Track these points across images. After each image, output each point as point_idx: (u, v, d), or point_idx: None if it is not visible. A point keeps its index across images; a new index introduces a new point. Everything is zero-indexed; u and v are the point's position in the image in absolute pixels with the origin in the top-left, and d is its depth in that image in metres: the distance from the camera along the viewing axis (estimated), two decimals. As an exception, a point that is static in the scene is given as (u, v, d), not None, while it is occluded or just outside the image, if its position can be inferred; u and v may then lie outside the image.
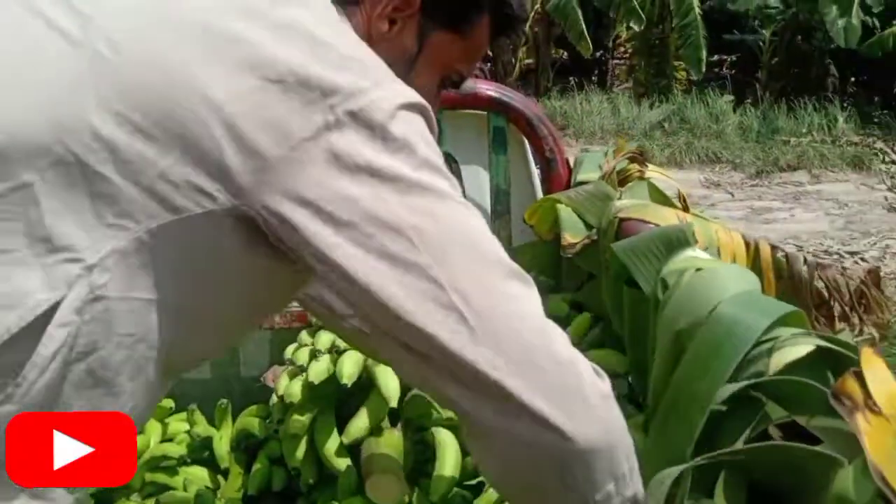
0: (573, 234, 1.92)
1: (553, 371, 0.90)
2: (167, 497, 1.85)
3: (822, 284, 1.88)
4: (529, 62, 13.68)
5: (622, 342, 1.78)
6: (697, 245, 1.57)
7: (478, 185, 2.37)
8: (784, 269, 1.89)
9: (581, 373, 0.93)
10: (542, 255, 2.22)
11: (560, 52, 14.34)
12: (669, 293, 1.39)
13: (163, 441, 2.14)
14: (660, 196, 2.02)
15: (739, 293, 1.22)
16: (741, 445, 1.05)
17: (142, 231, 0.82)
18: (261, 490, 1.97)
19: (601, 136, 10.73)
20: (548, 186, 2.24)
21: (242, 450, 2.12)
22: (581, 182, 2.13)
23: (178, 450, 2.08)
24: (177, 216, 0.82)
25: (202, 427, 2.16)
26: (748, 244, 1.93)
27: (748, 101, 11.91)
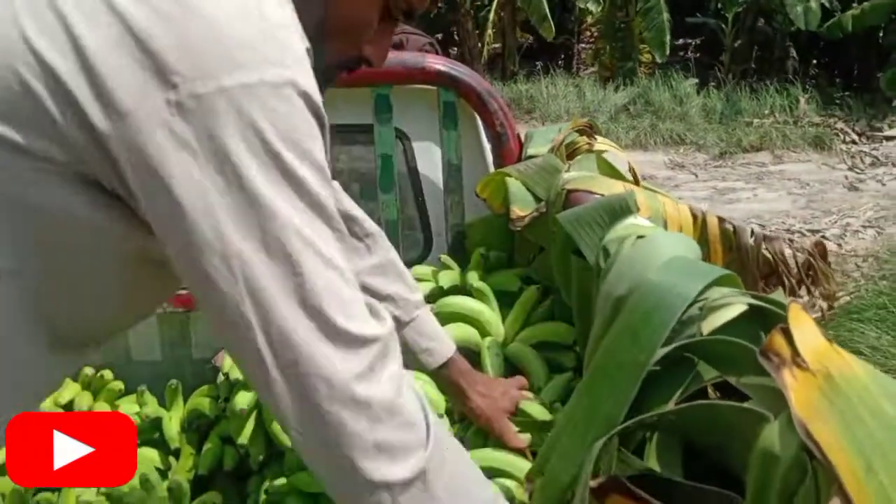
0: (522, 207, 1.92)
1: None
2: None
3: (770, 257, 1.89)
4: (496, 46, 13.65)
5: (571, 314, 1.79)
6: (641, 215, 1.57)
7: (430, 161, 2.35)
8: (732, 241, 1.91)
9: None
10: (494, 230, 2.21)
11: (526, 37, 14.32)
12: (611, 261, 1.39)
13: (112, 423, 2.11)
14: (609, 169, 2.02)
15: (671, 259, 1.22)
16: (672, 406, 1.06)
17: None
18: (212, 469, 1.95)
19: (567, 120, 10.70)
20: (499, 161, 2.23)
21: (194, 430, 2.09)
22: (531, 156, 2.13)
23: (128, 432, 2.05)
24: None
25: (152, 408, 2.13)
26: (695, 216, 1.94)
27: (712, 84, 12.00)
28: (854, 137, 10.40)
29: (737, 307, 1.10)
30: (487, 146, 2.33)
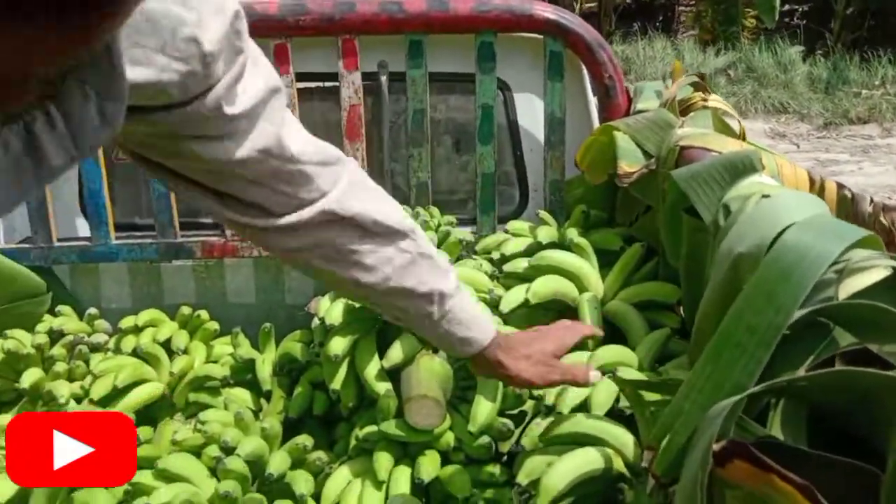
0: (630, 164, 1.83)
1: None
2: (208, 416, 1.85)
3: (888, 226, 1.78)
4: (591, 6, 13.28)
5: (676, 275, 1.70)
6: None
7: (531, 114, 2.28)
8: (849, 209, 1.79)
9: None
10: (595, 188, 2.13)
11: (623, -4, 13.88)
12: (732, 220, 1.31)
13: (207, 363, 2.14)
14: (723, 126, 1.91)
15: (811, 217, 1.13)
16: (804, 373, 0.98)
17: None
18: (301, 413, 1.96)
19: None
20: (605, 115, 2.14)
21: (285, 373, 2.11)
22: (640, 111, 2.03)
23: (222, 371, 2.08)
24: None
25: (246, 349, 2.15)
26: (813, 180, 1.82)
27: (819, 52, 11.40)
28: (973, 111, 9.73)
29: (879, 271, 1.01)
30: (593, 99, 2.24)
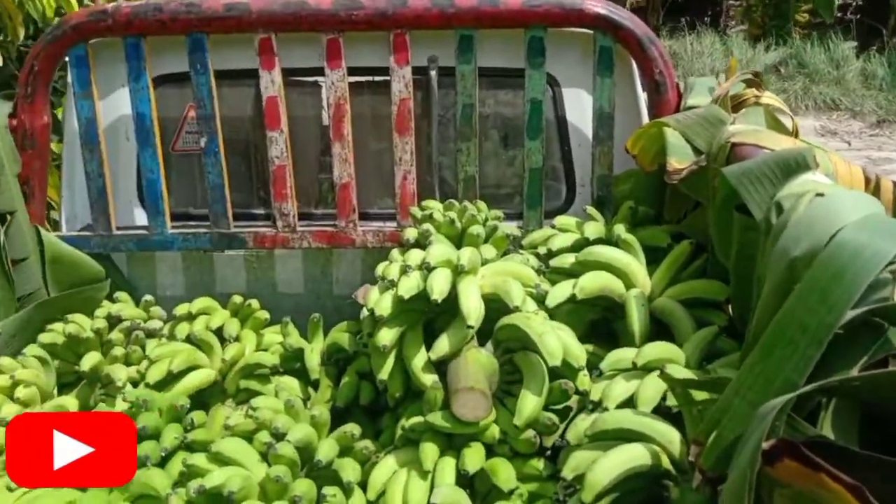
0: (680, 160, 1.83)
1: None
2: (259, 402, 1.89)
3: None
4: (639, 0, 13.14)
5: (725, 272, 1.70)
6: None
7: (580, 109, 2.28)
8: (906, 209, 1.77)
9: None
10: (644, 184, 2.13)
11: (672, -9, 13.70)
12: (785, 218, 1.30)
13: (257, 350, 2.19)
14: (775, 123, 1.89)
15: (866, 217, 1.12)
16: (857, 373, 0.98)
17: None
18: (348, 403, 2.00)
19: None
20: (655, 111, 2.14)
21: (332, 363, 2.15)
22: (691, 107, 2.02)
23: (272, 359, 2.13)
24: None
25: (295, 339, 2.20)
26: (868, 179, 1.80)
27: (873, 48, 11.11)
28: None
29: (937, 273, 1.00)
30: (642, 95, 2.23)
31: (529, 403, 1.64)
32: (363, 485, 1.74)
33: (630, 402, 1.54)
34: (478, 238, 2.00)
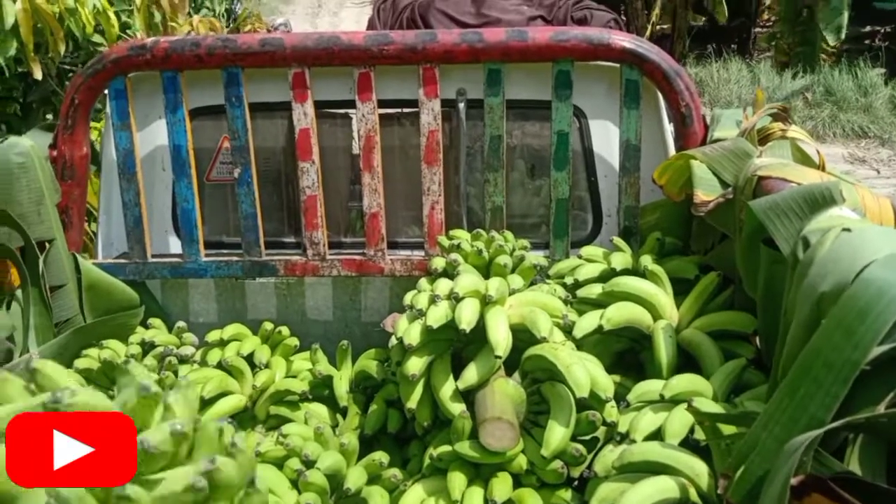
0: (706, 192, 1.84)
1: None
2: (290, 429, 1.92)
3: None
4: (665, 27, 13.16)
5: (752, 304, 1.70)
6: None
7: (606, 140, 2.30)
8: (938, 241, 1.75)
9: None
10: (670, 215, 2.14)
11: (698, 18, 13.73)
12: (811, 253, 1.31)
13: (287, 377, 2.23)
14: (802, 156, 1.90)
15: (893, 253, 1.13)
16: (883, 409, 0.98)
17: None
18: (376, 430, 2.02)
19: (738, 106, 10.23)
20: (681, 143, 2.16)
21: (361, 390, 2.17)
22: (717, 139, 2.03)
23: (301, 386, 2.16)
24: None
25: (324, 366, 2.23)
26: (898, 211, 1.80)
27: (903, 74, 11.05)
28: None
29: (964, 310, 1.01)
30: (669, 127, 2.25)
31: (557, 434, 1.65)
32: (391, 513, 1.76)
33: (657, 435, 1.55)
34: (505, 268, 2.02)
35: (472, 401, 1.78)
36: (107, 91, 2.29)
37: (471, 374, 1.78)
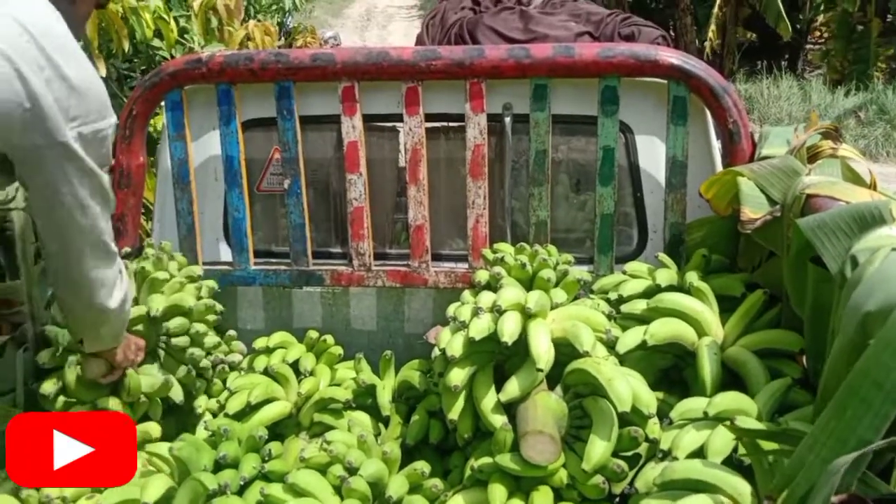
0: (754, 209, 1.83)
1: None
2: (334, 437, 1.95)
3: None
4: (715, 43, 13.04)
5: (799, 322, 1.69)
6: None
7: (653, 157, 2.30)
8: None
9: None
10: (717, 232, 2.13)
11: (748, 35, 13.57)
12: (859, 272, 1.30)
13: (331, 385, 2.26)
14: (852, 175, 1.88)
15: (942, 273, 1.12)
16: (933, 431, 0.97)
17: None
18: (418, 441, 2.04)
19: (788, 123, 10.07)
20: (728, 160, 2.14)
21: (403, 401, 2.20)
22: (766, 157, 2.02)
23: (345, 394, 2.19)
24: None
25: (367, 375, 2.26)
26: (952, 232, 1.76)
27: (960, 92, 10.77)
28: None
29: None
30: (716, 144, 2.24)
31: (598, 448, 1.65)
32: (431, 522, 1.77)
33: (700, 452, 1.54)
34: (548, 282, 2.03)
35: (514, 413, 1.79)
36: (163, 102, 2.36)
37: (513, 387, 1.79)
